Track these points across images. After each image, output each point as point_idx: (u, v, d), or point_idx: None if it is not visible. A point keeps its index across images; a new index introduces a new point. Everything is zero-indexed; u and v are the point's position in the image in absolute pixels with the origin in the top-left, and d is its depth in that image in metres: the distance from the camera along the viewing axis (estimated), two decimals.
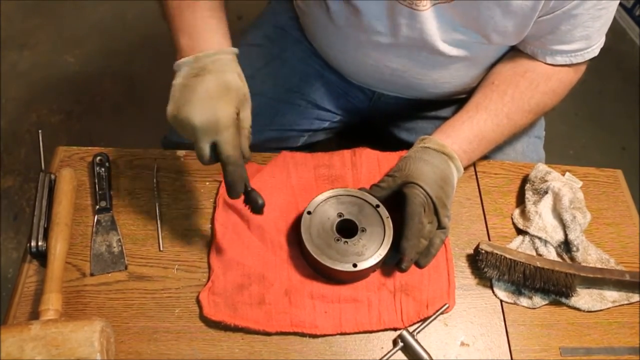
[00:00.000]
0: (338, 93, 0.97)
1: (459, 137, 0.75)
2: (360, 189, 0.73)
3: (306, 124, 0.96)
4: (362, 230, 0.69)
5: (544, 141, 0.98)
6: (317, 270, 0.69)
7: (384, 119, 1.01)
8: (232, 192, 0.62)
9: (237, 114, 0.62)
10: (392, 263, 0.69)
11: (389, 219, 0.70)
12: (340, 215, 0.70)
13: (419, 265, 0.70)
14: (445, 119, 0.96)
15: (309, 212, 0.70)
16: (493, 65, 0.84)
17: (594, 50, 0.77)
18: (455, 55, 0.78)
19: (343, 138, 1.07)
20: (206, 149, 0.60)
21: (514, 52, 0.82)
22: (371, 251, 0.68)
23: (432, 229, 0.70)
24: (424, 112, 0.98)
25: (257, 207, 0.65)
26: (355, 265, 0.66)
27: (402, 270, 0.68)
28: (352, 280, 0.69)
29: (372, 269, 0.68)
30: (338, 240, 0.68)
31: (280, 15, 0.99)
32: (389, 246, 0.68)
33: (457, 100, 0.95)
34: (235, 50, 0.66)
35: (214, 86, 0.61)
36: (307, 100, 0.94)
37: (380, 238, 0.69)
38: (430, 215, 0.69)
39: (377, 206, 0.71)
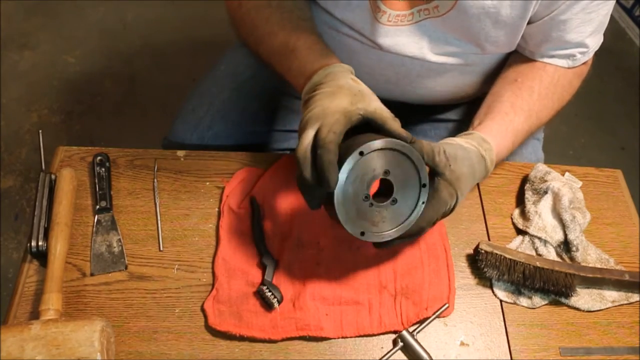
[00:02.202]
0: None
1: (503, 144, 0.72)
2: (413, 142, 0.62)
3: None
4: (393, 201, 0.61)
5: (544, 141, 0.98)
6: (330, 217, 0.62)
7: None
8: (322, 180, 0.57)
9: (364, 111, 0.61)
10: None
11: (424, 205, 0.63)
12: (386, 173, 0.60)
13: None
14: (445, 121, 0.96)
15: (361, 153, 0.58)
16: (490, 71, 0.84)
17: (589, 54, 0.77)
18: (450, 63, 0.78)
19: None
20: (307, 137, 0.59)
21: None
22: (386, 226, 0.61)
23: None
24: (423, 116, 0.98)
25: (270, 302, 0.66)
26: (362, 234, 0.60)
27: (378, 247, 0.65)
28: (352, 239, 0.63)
29: (375, 245, 0.63)
30: (366, 198, 0.60)
31: None
32: (404, 231, 0.62)
33: (457, 104, 0.95)
34: (346, 66, 0.67)
35: (328, 91, 0.62)
36: None
37: (403, 218, 0.62)
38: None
39: (424, 185, 0.62)
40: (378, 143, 0.59)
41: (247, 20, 0.77)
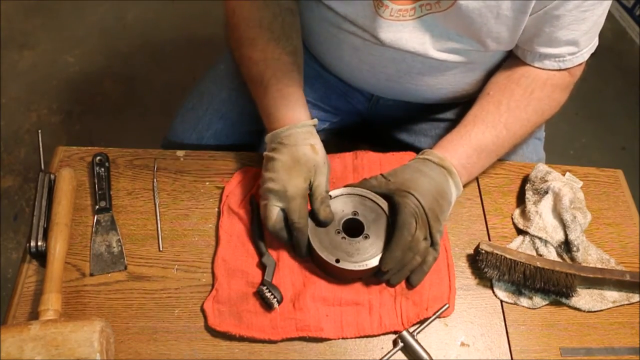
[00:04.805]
0: (338, 94, 0.97)
1: (457, 151, 0.73)
2: (348, 185, 0.73)
3: None
4: (365, 237, 0.68)
5: (545, 141, 0.98)
6: (309, 253, 0.70)
7: (384, 120, 1.01)
8: (297, 253, 0.70)
9: (310, 184, 0.68)
10: (382, 278, 0.68)
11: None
12: (355, 213, 0.70)
13: (410, 283, 0.69)
14: (445, 120, 0.96)
15: (329, 196, 0.70)
16: (491, 70, 0.83)
17: (583, 55, 0.76)
18: (451, 61, 0.78)
19: (343, 138, 1.07)
20: (274, 211, 0.67)
21: (509, 60, 0.81)
22: (361, 257, 0.67)
23: (427, 245, 0.68)
24: (423, 114, 0.97)
25: (270, 303, 0.66)
26: (337, 261, 0.66)
27: (391, 285, 0.69)
28: (332, 274, 0.69)
29: (353, 273, 0.67)
30: (338, 232, 0.68)
31: None
32: (378, 263, 0.66)
33: (458, 104, 0.95)
34: (311, 122, 0.72)
35: (286, 159, 0.68)
36: (307, 101, 0.94)
37: (378, 251, 0.67)
38: (425, 230, 0.67)
39: (393, 221, 0.69)
40: (341, 190, 0.71)
41: (236, 34, 0.79)
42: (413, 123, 0.98)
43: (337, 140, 1.06)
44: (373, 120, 1.02)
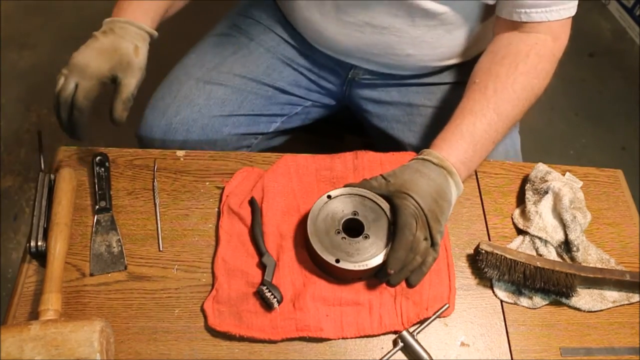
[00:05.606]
0: (309, 80, 0.98)
1: (452, 148, 0.73)
2: (348, 185, 0.72)
3: (276, 109, 0.97)
4: (366, 237, 0.68)
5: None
6: (308, 252, 0.70)
7: (358, 105, 1.01)
8: (69, 134, 0.71)
9: (117, 80, 0.70)
10: (383, 278, 0.68)
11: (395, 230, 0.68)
12: (355, 214, 0.70)
13: (409, 283, 0.69)
14: (418, 106, 0.95)
15: (329, 196, 0.70)
16: (471, 35, 0.84)
17: (570, 9, 0.76)
18: (436, 11, 0.79)
19: (321, 134, 1.08)
20: (71, 84, 0.69)
21: (492, 44, 0.82)
22: (361, 257, 0.67)
23: (427, 245, 0.68)
24: (397, 95, 0.97)
25: (270, 303, 0.66)
26: (337, 261, 0.66)
27: (391, 285, 0.68)
28: (332, 274, 0.69)
29: (353, 273, 0.67)
30: (338, 232, 0.68)
31: (250, 5, 1.03)
32: (379, 262, 0.67)
33: (433, 85, 0.95)
34: (149, 30, 0.74)
35: (106, 43, 0.70)
36: (275, 87, 0.96)
37: (378, 251, 0.67)
38: (425, 230, 0.67)
39: (394, 223, 0.69)
40: (341, 190, 0.71)
41: None
42: (387, 108, 0.98)
43: (322, 137, 1.07)
44: (348, 104, 1.03)
